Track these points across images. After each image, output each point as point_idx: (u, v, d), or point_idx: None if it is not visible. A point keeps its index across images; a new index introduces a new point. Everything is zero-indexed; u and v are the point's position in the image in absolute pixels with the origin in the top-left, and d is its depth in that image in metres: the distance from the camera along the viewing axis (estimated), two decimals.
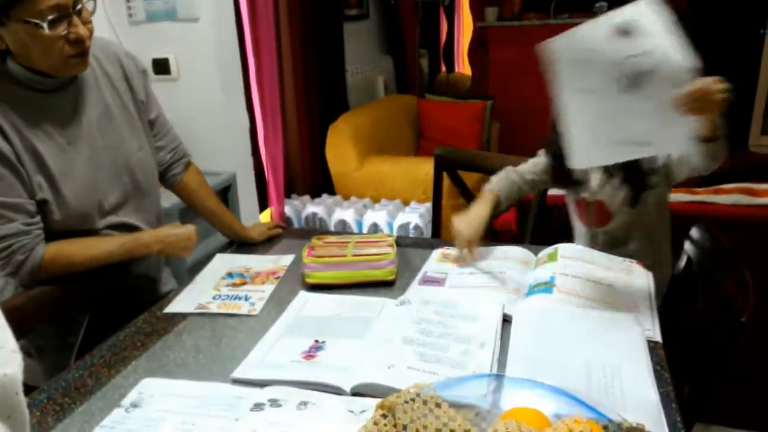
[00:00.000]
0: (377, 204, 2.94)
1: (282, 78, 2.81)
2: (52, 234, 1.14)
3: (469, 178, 1.98)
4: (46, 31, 1.02)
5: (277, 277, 1.29)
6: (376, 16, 3.98)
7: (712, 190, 1.81)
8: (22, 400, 0.55)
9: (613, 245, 1.42)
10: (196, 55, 2.15)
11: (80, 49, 1.08)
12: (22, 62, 1.07)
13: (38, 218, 1.12)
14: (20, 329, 0.69)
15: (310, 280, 1.23)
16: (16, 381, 0.53)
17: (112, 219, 1.23)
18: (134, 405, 0.88)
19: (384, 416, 0.72)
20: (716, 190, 1.80)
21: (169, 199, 1.69)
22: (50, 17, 1.01)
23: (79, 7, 1.06)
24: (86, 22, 1.09)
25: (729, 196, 1.76)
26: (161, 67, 2.16)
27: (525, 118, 4.42)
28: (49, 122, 1.12)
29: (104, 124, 1.21)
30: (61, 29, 1.04)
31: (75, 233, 1.17)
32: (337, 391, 0.88)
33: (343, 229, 2.82)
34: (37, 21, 1.01)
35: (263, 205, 2.58)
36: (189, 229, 1.25)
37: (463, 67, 5.19)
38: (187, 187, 1.44)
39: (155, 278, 1.39)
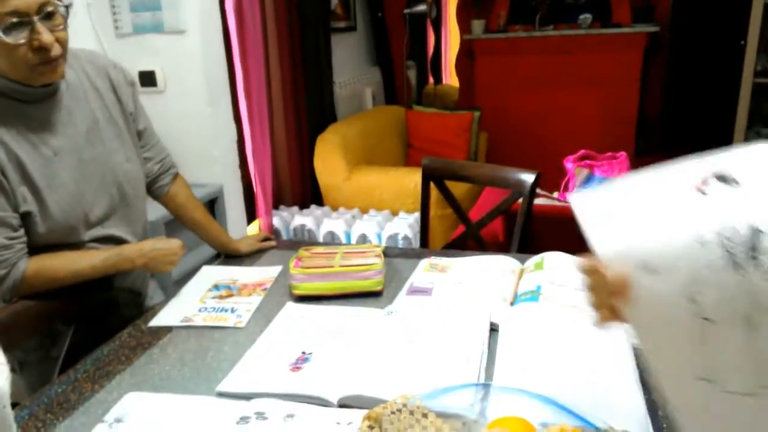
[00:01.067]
0: (366, 215, 2.94)
1: (270, 89, 2.82)
2: (37, 247, 1.13)
3: (457, 188, 1.99)
4: (4, 38, 0.98)
5: (264, 289, 1.29)
6: (363, 28, 4.00)
7: None
8: (10, 413, 0.54)
9: None
10: (182, 68, 2.15)
11: (44, 57, 1.04)
12: None
13: (21, 232, 1.11)
14: (3, 344, 0.67)
15: (297, 292, 1.22)
16: (3, 394, 0.53)
17: (98, 231, 1.22)
18: (118, 420, 0.87)
19: (371, 427, 0.71)
20: None
21: (155, 212, 1.68)
22: (8, 23, 0.98)
23: (47, 11, 1.02)
24: (56, 29, 1.04)
25: None
26: (148, 79, 2.15)
27: (512, 128, 4.46)
28: (34, 133, 1.11)
29: (92, 135, 1.20)
30: (22, 36, 1.00)
31: (60, 246, 1.16)
32: (323, 402, 0.87)
33: (332, 240, 2.82)
34: None
35: (251, 216, 2.57)
36: (174, 243, 1.23)
37: (451, 78, 5.23)
38: (174, 199, 1.43)
39: (140, 292, 1.37)
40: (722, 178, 0.52)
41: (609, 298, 0.57)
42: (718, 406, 0.53)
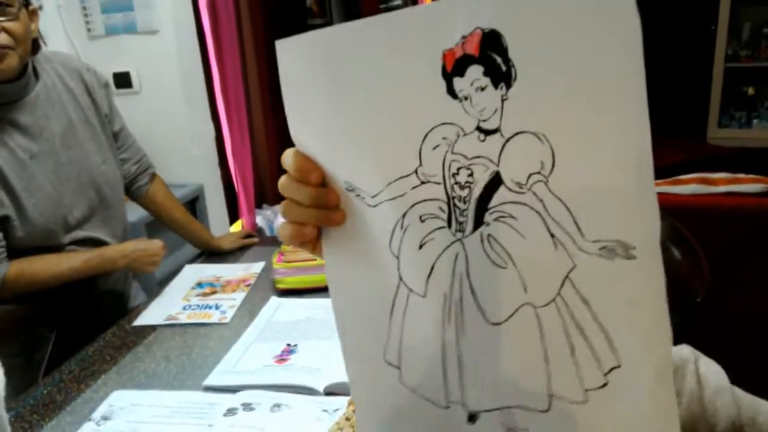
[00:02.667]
0: None
1: (247, 87, 2.80)
2: (16, 251, 1.12)
3: None
4: None
5: (248, 285, 1.29)
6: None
7: (671, 181, 1.87)
8: (4, 416, 0.54)
9: None
10: (157, 68, 2.14)
11: None
12: None
13: (0, 236, 1.10)
14: None
15: (281, 286, 1.23)
16: None
17: (78, 234, 1.21)
18: (105, 418, 0.87)
19: (355, 411, 0.73)
20: (675, 180, 1.86)
21: (134, 213, 1.67)
22: None
23: None
24: (4, 20, 1.03)
25: (687, 186, 1.82)
26: (123, 80, 2.14)
27: None
28: (8, 136, 1.10)
29: (68, 138, 1.19)
30: None
31: (39, 250, 1.15)
32: (310, 391, 0.88)
33: None
34: None
35: (233, 216, 2.56)
36: (156, 244, 1.24)
37: None
38: (153, 199, 1.43)
39: (123, 293, 1.37)
40: None
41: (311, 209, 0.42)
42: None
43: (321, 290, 1.22)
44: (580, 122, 0.32)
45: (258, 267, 1.38)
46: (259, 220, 2.88)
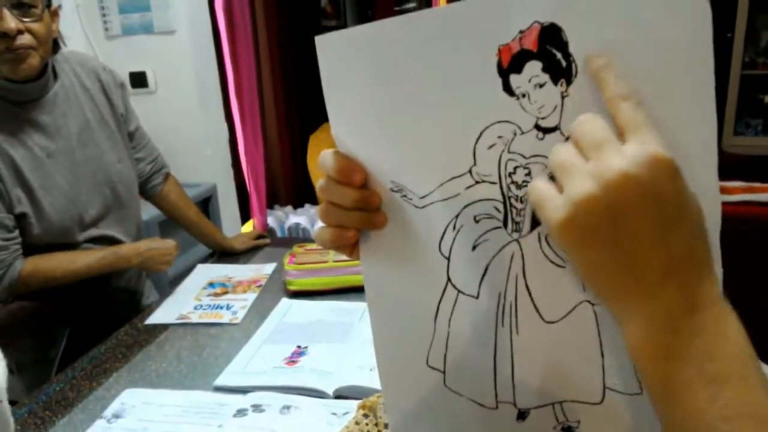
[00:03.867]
0: None
1: (261, 89, 2.82)
2: (32, 248, 1.14)
3: None
4: None
5: (259, 286, 1.30)
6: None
7: None
8: (7, 407, 0.55)
9: None
10: (173, 68, 2.16)
11: (8, 44, 1.02)
12: None
13: (16, 233, 1.11)
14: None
15: (292, 287, 1.23)
16: (0, 389, 0.53)
17: (93, 232, 1.22)
18: (116, 416, 0.87)
19: (365, 416, 0.73)
20: None
21: (148, 212, 1.68)
22: None
23: (20, 2, 1.02)
24: (29, 21, 1.04)
25: None
26: (139, 80, 2.16)
27: None
28: (27, 135, 1.12)
29: (84, 137, 1.21)
30: None
31: (55, 247, 1.16)
32: (319, 394, 0.88)
33: None
34: None
35: (245, 216, 2.57)
36: (169, 243, 1.25)
37: None
38: (167, 198, 1.44)
39: (135, 291, 1.38)
40: None
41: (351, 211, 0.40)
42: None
43: (332, 292, 1.23)
44: None
45: (269, 268, 1.38)
46: (271, 221, 2.89)
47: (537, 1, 0.32)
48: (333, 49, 0.37)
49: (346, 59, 0.37)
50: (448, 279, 0.40)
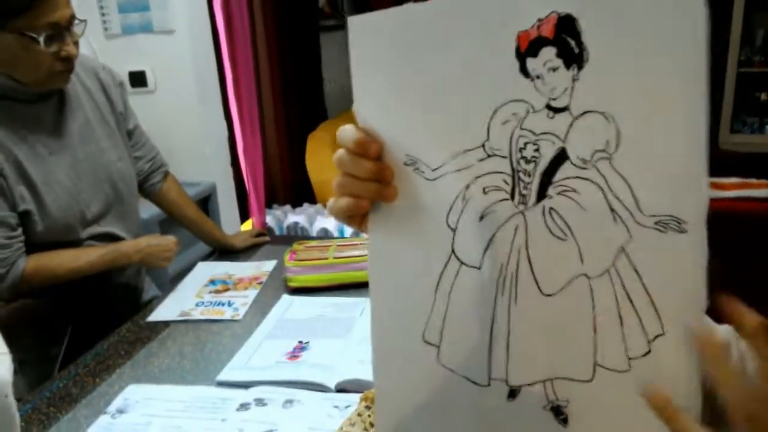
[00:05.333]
0: None
1: (260, 88, 2.82)
2: (35, 246, 1.14)
3: None
4: (42, 46, 1.03)
5: (260, 283, 1.30)
6: None
7: None
8: (12, 402, 0.55)
9: None
10: (172, 67, 2.16)
11: (68, 66, 1.10)
12: (3, 71, 1.07)
13: (19, 231, 1.12)
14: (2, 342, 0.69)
15: (292, 284, 1.24)
16: (5, 383, 0.54)
17: (95, 229, 1.23)
18: (120, 411, 0.88)
19: (368, 407, 0.74)
20: None
21: (148, 211, 1.69)
22: (47, 33, 1.03)
23: (72, 26, 1.09)
24: (75, 41, 1.11)
25: None
26: (139, 79, 2.16)
27: None
28: (30, 132, 1.13)
29: (85, 135, 1.21)
30: (54, 46, 1.06)
31: (58, 244, 1.17)
32: (321, 388, 0.89)
33: (325, 237, 2.83)
34: (33, 35, 1.02)
35: (244, 215, 2.58)
36: (170, 240, 1.26)
37: None
38: (167, 197, 1.45)
39: (136, 286, 1.39)
40: None
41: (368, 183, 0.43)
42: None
43: (332, 289, 1.23)
44: (645, 104, 0.34)
45: (270, 265, 1.39)
46: (269, 220, 2.90)
47: None
48: (364, 30, 0.41)
49: (376, 39, 0.41)
50: (453, 251, 0.42)
